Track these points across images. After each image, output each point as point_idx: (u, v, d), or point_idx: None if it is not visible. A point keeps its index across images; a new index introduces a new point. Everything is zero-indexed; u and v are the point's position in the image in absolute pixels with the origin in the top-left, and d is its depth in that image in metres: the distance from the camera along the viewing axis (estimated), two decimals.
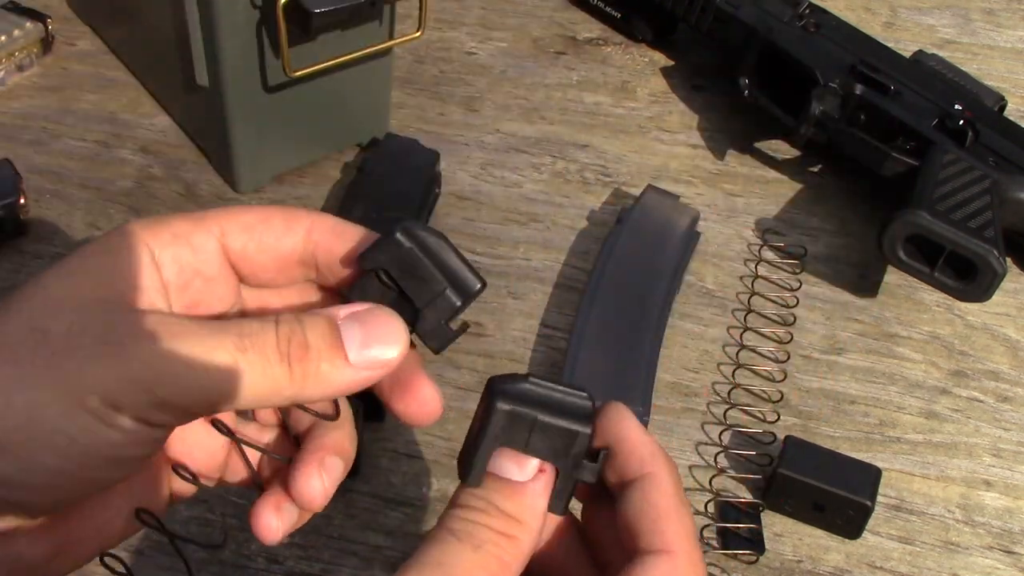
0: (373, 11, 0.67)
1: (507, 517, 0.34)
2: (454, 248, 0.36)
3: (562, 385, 0.35)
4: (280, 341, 0.32)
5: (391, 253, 0.35)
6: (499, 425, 0.34)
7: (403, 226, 0.35)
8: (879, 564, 0.57)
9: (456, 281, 0.36)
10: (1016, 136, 0.73)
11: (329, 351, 0.33)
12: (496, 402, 0.34)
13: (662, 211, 0.70)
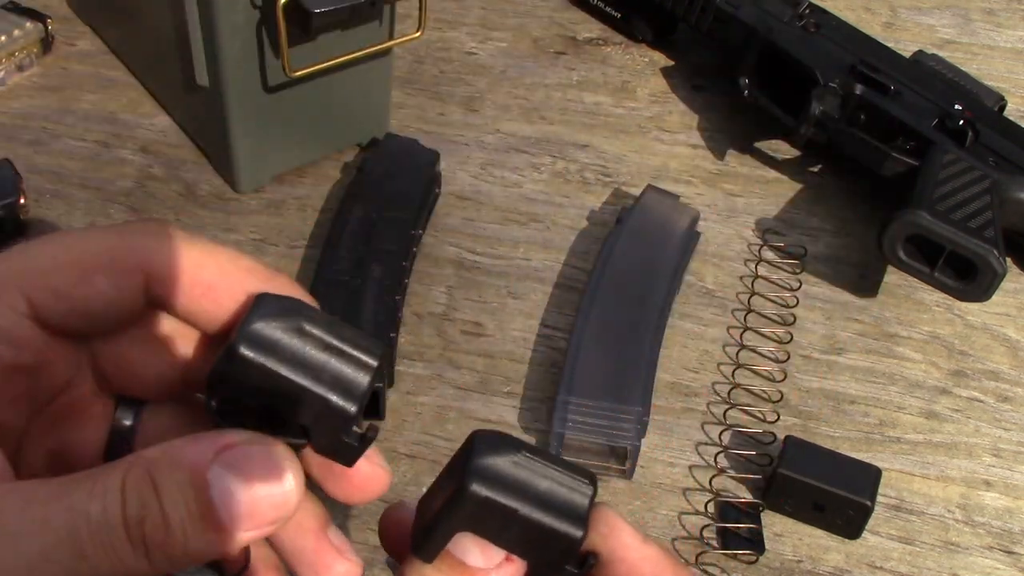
0: (373, 11, 0.67)
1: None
2: (328, 322, 0.28)
3: (559, 465, 0.28)
4: (131, 527, 0.25)
5: (238, 376, 0.27)
6: (468, 511, 0.27)
7: (246, 334, 0.27)
8: (879, 564, 0.57)
9: (340, 381, 0.28)
10: (1016, 136, 0.73)
11: (198, 525, 0.25)
12: (470, 483, 0.27)
13: (662, 211, 0.70)
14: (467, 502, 0.27)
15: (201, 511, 0.25)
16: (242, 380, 0.27)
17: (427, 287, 0.68)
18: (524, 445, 0.28)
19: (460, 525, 0.27)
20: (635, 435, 0.58)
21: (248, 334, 0.27)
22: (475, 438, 0.28)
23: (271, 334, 0.27)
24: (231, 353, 0.27)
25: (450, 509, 0.27)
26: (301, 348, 0.27)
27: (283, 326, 0.27)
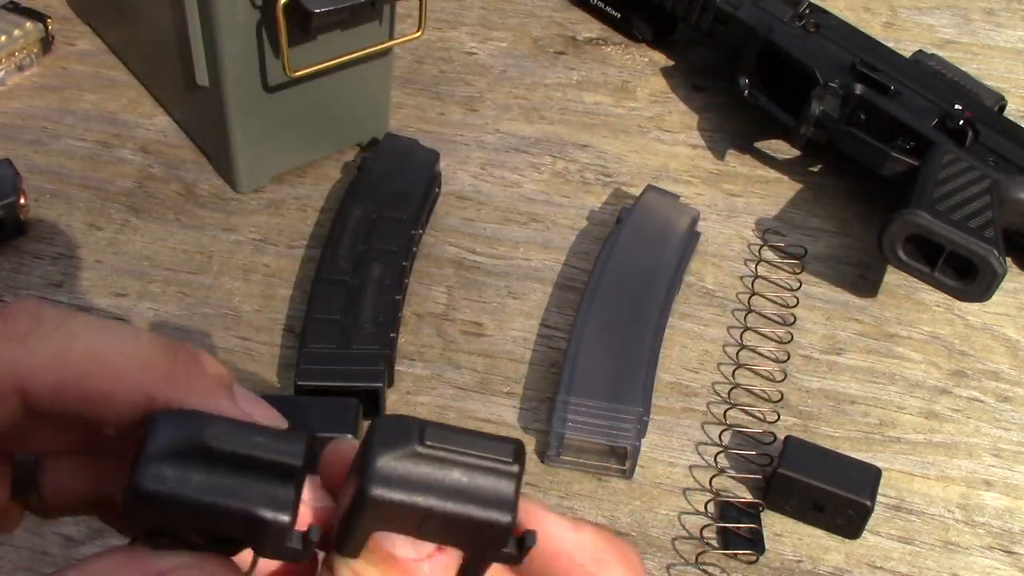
0: (373, 11, 0.67)
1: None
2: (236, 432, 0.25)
3: (474, 444, 0.25)
4: None
5: (151, 512, 0.25)
6: (373, 515, 0.25)
7: (144, 472, 0.24)
8: (879, 564, 0.57)
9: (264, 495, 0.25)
10: (1016, 136, 0.73)
11: None
12: (370, 488, 0.24)
13: (662, 211, 0.70)
14: (370, 507, 0.24)
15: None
16: (156, 515, 0.25)
17: (427, 287, 0.68)
18: (430, 429, 0.25)
19: (372, 526, 0.25)
20: (635, 435, 0.58)
21: (146, 471, 0.24)
22: (373, 428, 0.25)
23: (173, 464, 0.25)
24: (134, 493, 0.24)
25: (357, 513, 0.25)
26: (210, 471, 0.25)
27: (185, 451, 0.25)
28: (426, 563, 0.26)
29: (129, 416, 0.26)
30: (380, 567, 0.26)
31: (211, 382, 0.27)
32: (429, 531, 0.25)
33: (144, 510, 0.24)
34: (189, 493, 0.24)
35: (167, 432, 0.25)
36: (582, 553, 0.27)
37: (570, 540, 0.27)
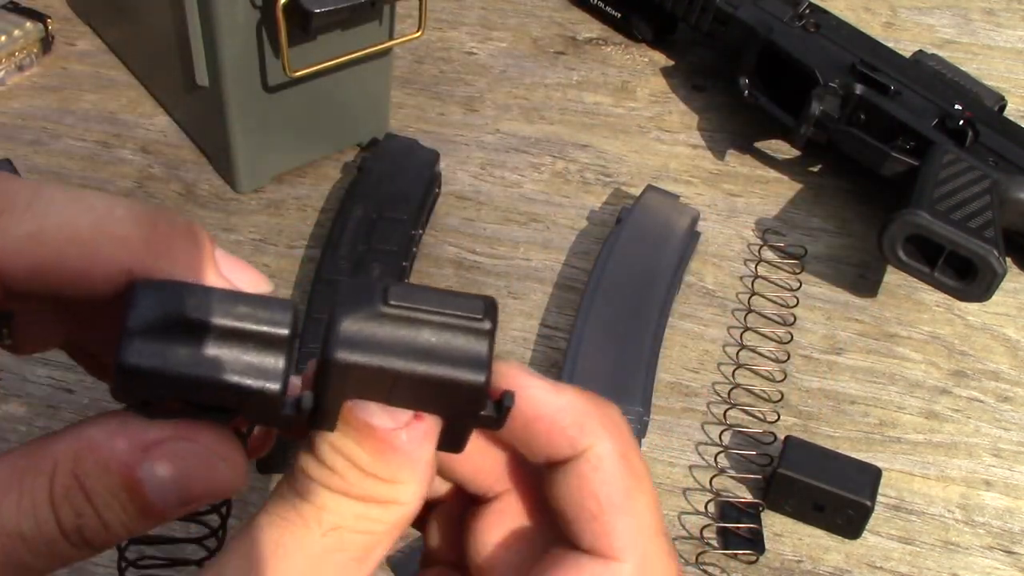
0: (373, 11, 0.67)
1: (374, 480, 0.25)
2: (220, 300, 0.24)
3: (442, 302, 0.24)
4: (70, 535, 0.24)
5: (139, 386, 0.24)
6: (342, 381, 0.24)
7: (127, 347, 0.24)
8: (879, 564, 0.57)
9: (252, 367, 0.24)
10: (1016, 136, 0.73)
11: (138, 520, 0.24)
12: (333, 352, 0.23)
13: (662, 211, 0.70)
14: (335, 372, 0.24)
15: (139, 509, 0.24)
16: (144, 388, 0.24)
17: None
18: (394, 288, 0.24)
19: (343, 394, 0.24)
20: (635, 435, 0.58)
21: (129, 347, 0.24)
22: (338, 289, 0.24)
23: (156, 338, 0.24)
24: (120, 370, 0.24)
25: (324, 380, 0.24)
26: (195, 345, 0.24)
27: (167, 323, 0.24)
28: (404, 431, 0.25)
29: (108, 291, 0.25)
30: (357, 439, 0.25)
31: (192, 250, 0.26)
32: (401, 396, 0.24)
33: (132, 385, 0.24)
34: (175, 367, 0.24)
35: (149, 305, 0.24)
36: (563, 416, 0.26)
37: (551, 403, 0.26)
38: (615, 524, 0.26)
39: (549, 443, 0.26)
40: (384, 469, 0.25)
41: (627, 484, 0.26)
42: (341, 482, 0.25)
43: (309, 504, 0.25)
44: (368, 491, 0.25)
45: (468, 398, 0.24)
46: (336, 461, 0.25)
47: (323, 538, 0.24)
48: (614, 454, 0.26)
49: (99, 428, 0.24)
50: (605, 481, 0.26)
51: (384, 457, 0.25)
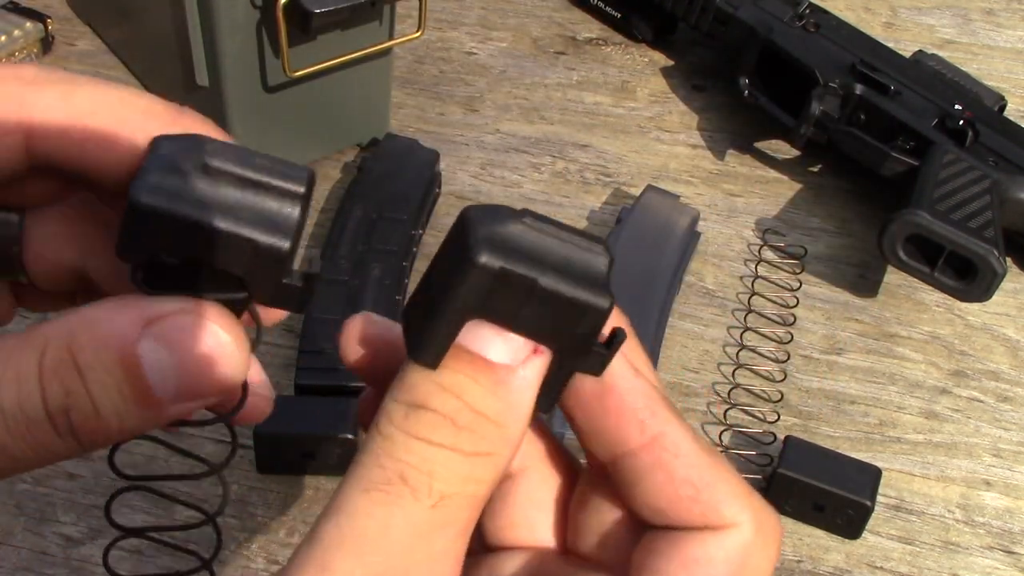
0: (373, 11, 0.67)
1: (483, 420, 0.23)
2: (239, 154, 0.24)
3: (568, 229, 0.24)
4: (56, 418, 0.22)
5: (146, 234, 0.23)
6: (478, 288, 0.22)
7: (142, 184, 0.23)
8: (879, 564, 0.57)
9: (265, 217, 0.23)
10: (1016, 136, 0.73)
11: (132, 409, 0.23)
12: (479, 253, 0.22)
13: (662, 211, 0.70)
14: (478, 275, 0.22)
15: (135, 394, 0.22)
16: (152, 237, 0.23)
17: None
18: (526, 211, 0.23)
19: (469, 309, 0.22)
20: None
21: (145, 183, 0.23)
22: (468, 212, 0.23)
23: (173, 179, 0.23)
24: (131, 208, 0.23)
25: (456, 289, 0.22)
26: (211, 188, 0.23)
27: (185, 168, 0.23)
28: (521, 368, 0.23)
29: (130, 165, 0.24)
30: (471, 375, 0.23)
31: (216, 134, 0.26)
32: (525, 321, 0.23)
33: (141, 232, 0.23)
34: (187, 210, 0.23)
35: (168, 150, 0.24)
36: (635, 397, 0.25)
37: (628, 381, 0.25)
38: (717, 497, 0.25)
39: (619, 428, 0.25)
40: (500, 411, 0.23)
41: (709, 459, 0.25)
42: (451, 433, 0.22)
43: (415, 470, 0.22)
44: (477, 444, 0.23)
45: (589, 326, 0.23)
46: (447, 403, 0.22)
47: (432, 511, 0.22)
48: (688, 436, 0.25)
49: (98, 307, 0.23)
50: (692, 464, 0.25)
51: (499, 394, 0.23)
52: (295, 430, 0.56)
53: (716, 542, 0.25)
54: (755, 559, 0.25)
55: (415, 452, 0.22)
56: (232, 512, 0.56)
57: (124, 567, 0.53)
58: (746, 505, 0.25)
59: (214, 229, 0.23)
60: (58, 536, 0.54)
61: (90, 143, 0.25)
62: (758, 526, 0.25)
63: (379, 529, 0.22)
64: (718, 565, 0.25)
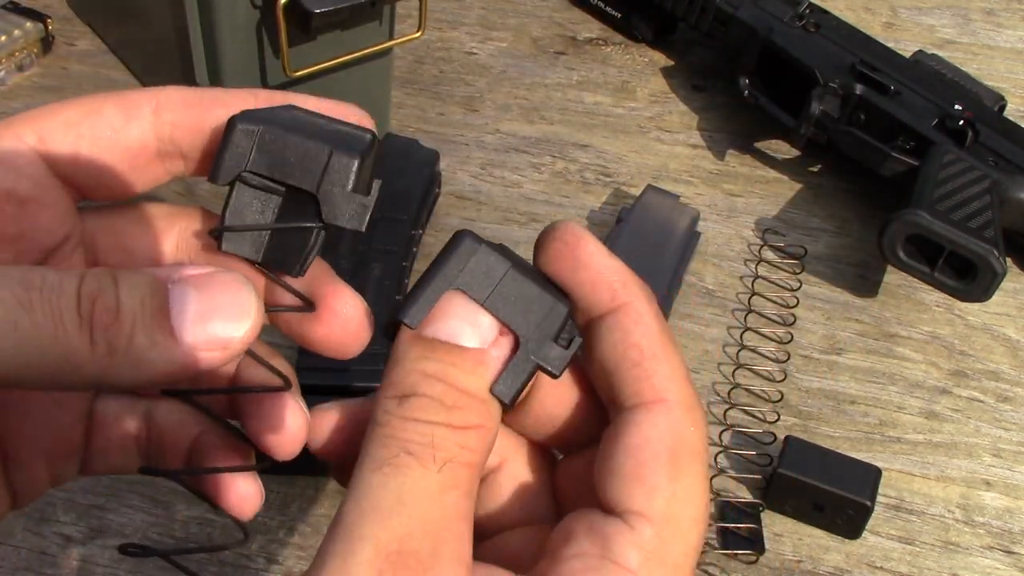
0: (373, 11, 0.67)
1: (467, 397, 0.26)
2: (312, 112, 0.29)
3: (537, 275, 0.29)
4: (82, 300, 0.24)
5: (243, 149, 0.28)
6: (461, 260, 0.27)
7: (240, 116, 0.28)
8: (879, 564, 0.57)
9: (341, 140, 0.28)
10: (1016, 136, 0.73)
11: (148, 320, 0.25)
12: (463, 234, 0.28)
13: (662, 211, 0.70)
14: (463, 250, 0.27)
15: (155, 309, 0.25)
16: (243, 155, 0.28)
17: None
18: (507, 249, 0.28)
19: (450, 280, 0.27)
20: None
21: (243, 114, 0.28)
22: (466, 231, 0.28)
23: (264, 113, 0.28)
24: (228, 129, 0.28)
25: (442, 262, 0.27)
26: (296, 118, 0.28)
27: (274, 109, 0.29)
28: (492, 349, 0.27)
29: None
30: (450, 361, 0.26)
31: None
32: (495, 302, 0.27)
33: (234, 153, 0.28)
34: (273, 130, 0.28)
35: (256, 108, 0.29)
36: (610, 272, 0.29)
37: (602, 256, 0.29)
38: (656, 369, 0.28)
39: (593, 291, 0.28)
40: (480, 387, 0.26)
41: (663, 337, 0.28)
42: (442, 411, 0.26)
43: (417, 444, 0.25)
44: (467, 418, 0.26)
45: (553, 322, 0.27)
46: (434, 387, 0.26)
47: (439, 474, 0.25)
48: (651, 311, 0.28)
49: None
50: (645, 333, 0.28)
51: (477, 372, 0.26)
52: None
53: (649, 420, 0.27)
54: (686, 434, 0.27)
55: (413, 430, 0.25)
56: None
57: (124, 566, 0.53)
58: (678, 386, 0.28)
59: (298, 144, 0.28)
60: (58, 536, 0.54)
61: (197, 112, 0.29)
62: (686, 403, 0.28)
63: (395, 498, 0.24)
64: (654, 443, 0.27)
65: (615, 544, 0.26)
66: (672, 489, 0.27)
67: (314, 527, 0.56)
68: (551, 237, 0.29)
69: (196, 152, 0.29)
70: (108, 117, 0.28)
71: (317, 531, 0.56)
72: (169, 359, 0.25)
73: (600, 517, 0.27)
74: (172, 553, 0.30)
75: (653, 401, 0.27)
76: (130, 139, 0.29)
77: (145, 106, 0.29)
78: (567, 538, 0.27)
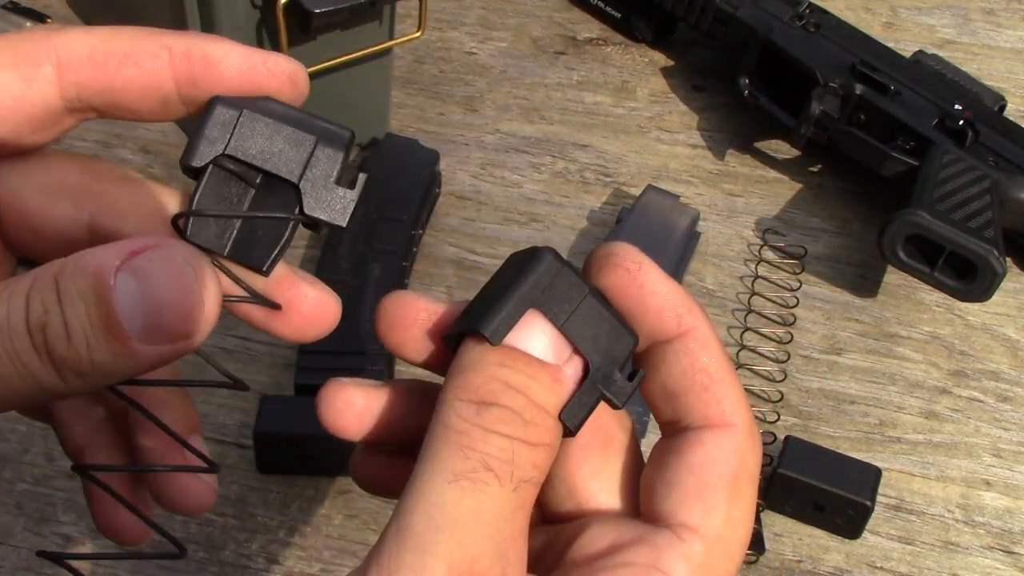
0: (373, 11, 0.67)
1: (544, 414, 0.26)
2: (289, 106, 0.28)
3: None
4: (33, 333, 0.23)
5: (221, 132, 0.27)
6: (543, 279, 0.27)
7: (219, 99, 0.27)
8: (879, 564, 0.57)
9: (323, 133, 0.28)
10: (1016, 136, 0.73)
11: (99, 335, 0.24)
12: (545, 250, 0.27)
13: (662, 211, 0.70)
14: (544, 267, 0.26)
15: (103, 319, 0.23)
16: (223, 139, 0.27)
17: (427, 287, 0.68)
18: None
19: (532, 299, 0.26)
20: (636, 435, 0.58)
21: (221, 98, 0.27)
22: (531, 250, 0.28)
23: (243, 100, 0.27)
24: (209, 108, 0.27)
25: (521, 278, 0.26)
26: (275, 108, 0.27)
27: (253, 98, 0.28)
28: (566, 368, 0.26)
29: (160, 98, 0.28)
30: (530, 375, 0.26)
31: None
32: (571, 326, 0.27)
33: (214, 135, 0.27)
34: (257, 113, 0.27)
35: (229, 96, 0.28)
36: (674, 298, 0.30)
37: (665, 283, 0.30)
38: (724, 393, 0.28)
39: (659, 319, 0.29)
40: (556, 404, 0.26)
41: (727, 362, 0.29)
42: (520, 426, 0.25)
43: (498, 460, 0.24)
44: (541, 436, 0.25)
45: (621, 351, 0.27)
46: (515, 400, 0.25)
47: (513, 494, 0.25)
48: (714, 336, 0.29)
49: (93, 248, 0.25)
50: (712, 358, 0.29)
51: (554, 389, 0.26)
52: (295, 430, 0.56)
53: (715, 442, 0.28)
54: (749, 459, 0.28)
55: (494, 444, 0.25)
56: (232, 512, 0.56)
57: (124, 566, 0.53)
58: (743, 410, 0.28)
59: (281, 132, 0.27)
60: (58, 536, 0.54)
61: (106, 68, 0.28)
62: (750, 430, 0.28)
63: (471, 514, 0.24)
64: (719, 465, 0.28)
65: (666, 555, 0.26)
66: (729, 511, 0.28)
67: (314, 527, 0.56)
68: (611, 263, 0.29)
69: (108, 107, 0.28)
70: (5, 82, 0.27)
71: (317, 531, 0.56)
72: (128, 365, 0.24)
73: (647, 528, 0.27)
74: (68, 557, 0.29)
75: (721, 425, 0.28)
76: (32, 104, 0.27)
77: (45, 65, 0.27)
78: (609, 547, 0.27)
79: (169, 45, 0.28)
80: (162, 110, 0.29)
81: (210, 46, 0.28)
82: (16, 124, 0.27)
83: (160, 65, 0.28)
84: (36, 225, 0.29)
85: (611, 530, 0.28)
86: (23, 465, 0.57)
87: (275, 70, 0.28)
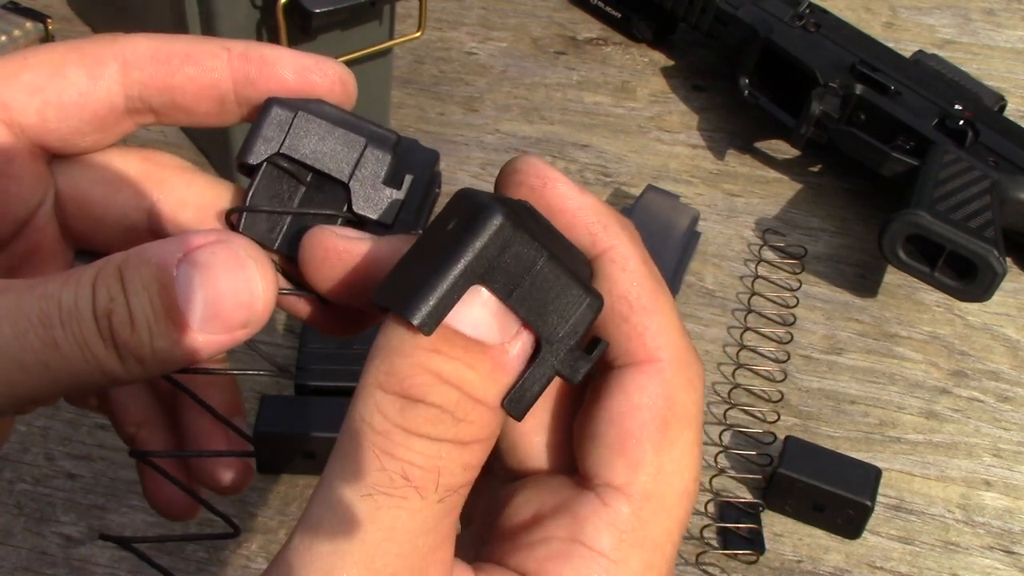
0: (373, 11, 0.67)
1: (481, 408, 0.22)
2: (340, 108, 0.29)
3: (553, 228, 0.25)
4: (100, 320, 0.24)
5: (277, 132, 0.28)
6: (489, 248, 0.22)
7: (275, 99, 0.28)
8: (879, 564, 0.57)
9: (373, 135, 0.28)
10: (1016, 136, 0.73)
11: (162, 325, 0.24)
12: (494, 210, 0.22)
13: (662, 211, 0.70)
14: (492, 233, 0.22)
15: (165, 307, 0.24)
16: (277, 137, 0.28)
17: None
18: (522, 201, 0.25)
19: (476, 274, 0.22)
20: None
21: (277, 99, 0.28)
22: (468, 190, 0.24)
23: (297, 101, 0.28)
24: (265, 109, 0.28)
25: (462, 245, 0.22)
26: (328, 110, 0.28)
27: (306, 100, 0.28)
28: (510, 346, 0.23)
29: (218, 98, 0.28)
30: (468, 362, 0.22)
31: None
32: (520, 298, 0.23)
33: (269, 134, 0.28)
34: (311, 117, 0.28)
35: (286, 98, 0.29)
36: (586, 213, 0.26)
37: (575, 198, 0.26)
38: (647, 323, 0.25)
39: (570, 237, 0.26)
40: (496, 395, 0.22)
41: (653, 284, 0.26)
42: (452, 426, 0.22)
43: (421, 469, 0.22)
44: (477, 433, 0.22)
45: (579, 321, 0.23)
46: (448, 396, 0.22)
47: (438, 504, 0.22)
48: (637, 255, 0.26)
49: (153, 241, 0.25)
50: (634, 281, 0.25)
51: (495, 378, 0.22)
52: (295, 430, 0.56)
53: (636, 383, 0.24)
54: (680, 397, 0.24)
55: (418, 450, 0.22)
56: (232, 512, 0.56)
57: (124, 566, 0.53)
58: (672, 342, 0.25)
59: (333, 132, 0.28)
60: (58, 536, 0.54)
61: (168, 68, 0.28)
62: (681, 362, 0.25)
63: (384, 533, 0.21)
64: (642, 411, 0.24)
65: (588, 525, 0.24)
66: (659, 463, 0.24)
67: None
68: (514, 180, 0.26)
69: (167, 107, 0.29)
70: (73, 79, 0.27)
71: None
72: (187, 352, 0.25)
73: (572, 492, 0.25)
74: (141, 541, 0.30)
75: (644, 361, 0.25)
76: (98, 101, 0.28)
77: (111, 63, 0.28)
78: (532, 518, 0.25)
79: (228, 47, 0.29)
80: (219, 111, 0.29)
81: (266, 49, 0.29)
82: (80, 121, 0.28)
83: (220, 64, 0.28)
84: (99, 214, 0.29)
85: (536, 496, 0.25)
86: (23, 465, 0.57)
87: (327, 73, 0.29)
